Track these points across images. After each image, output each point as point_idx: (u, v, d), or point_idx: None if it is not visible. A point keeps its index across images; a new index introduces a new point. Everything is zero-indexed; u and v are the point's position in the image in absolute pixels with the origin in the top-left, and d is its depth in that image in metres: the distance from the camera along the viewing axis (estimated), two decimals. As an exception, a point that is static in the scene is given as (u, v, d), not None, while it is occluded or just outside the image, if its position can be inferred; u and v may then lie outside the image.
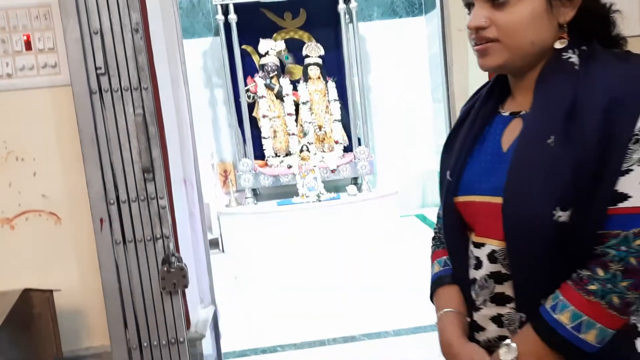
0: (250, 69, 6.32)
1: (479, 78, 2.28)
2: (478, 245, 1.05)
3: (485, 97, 1.13)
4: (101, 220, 1.93)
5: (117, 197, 1.93)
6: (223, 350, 2.61)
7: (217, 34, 6.30)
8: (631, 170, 0.89)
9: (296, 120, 6.32)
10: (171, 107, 2.28)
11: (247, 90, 6.22)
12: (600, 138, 0.88)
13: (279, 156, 6.27)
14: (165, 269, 1.93)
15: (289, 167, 6.13)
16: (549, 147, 0.92)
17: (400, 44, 6.68)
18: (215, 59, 6.42)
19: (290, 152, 6.26)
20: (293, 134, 6.27)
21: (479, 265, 1.04)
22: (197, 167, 2.46)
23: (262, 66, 6.25)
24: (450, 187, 1.10)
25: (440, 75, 2.67)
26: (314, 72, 6.34)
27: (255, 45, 6.30)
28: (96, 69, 1.90)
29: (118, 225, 1.94)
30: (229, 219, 5.88)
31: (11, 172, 2.00)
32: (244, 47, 6.28)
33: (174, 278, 1.92)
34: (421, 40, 6.69)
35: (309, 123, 6.30)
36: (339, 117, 6.37)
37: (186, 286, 1.94)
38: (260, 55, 6.28)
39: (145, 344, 1.97)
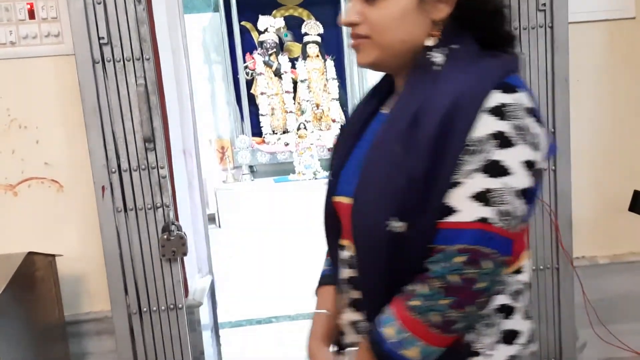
0: (249, 46, 6.31)
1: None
2: (342, 248, 1.03)
3: (370, 95, 1.08)
4: (103, 188, 1.97)
5: (119, 166, 1.97)
6: (219, 320, 2.68)
7: (216, 9, 6.27)
8: (460, 183, 0.82)
9: (294, 98, 6.34)
10: (172, 79, 2.31)
11: (246, 67, 6.22)
12: (434, 146, 0.83)
13: (276, 134, 6.30)
14: (165, 236, 1.98)
15: (286, 144, 6.16)
16: (392, 153, 0.87)
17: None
18: (214, 35, 6.40)
19: (287, 129, 6.29)
20: (291, 112, 6.29)
21: (343, 268, 1.02)
22: (197, 139, 2.49)
23: (261, 43, 6.25)
24: (329, 187, 1.07)
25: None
26: (312, 50, 6.34)
27: (254, 22, 6.28)
28: (99, 38, 1.93)
29: (119, 193, 1.98)
30: (226, 195, 5.92)
31: (14, 140, 2.04)
32: (243, 23, 6.26)
33: (174, 246, 1.97)
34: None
35: (307, 101, 6.31)
36: (337, 96, 6.39)
37: (185, 254, 1.99)
38: (260, 32, 6.27)
39: (144, 310, 2.03)
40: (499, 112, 0.83)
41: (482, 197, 0.81)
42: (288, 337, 3.04)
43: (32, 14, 2.00)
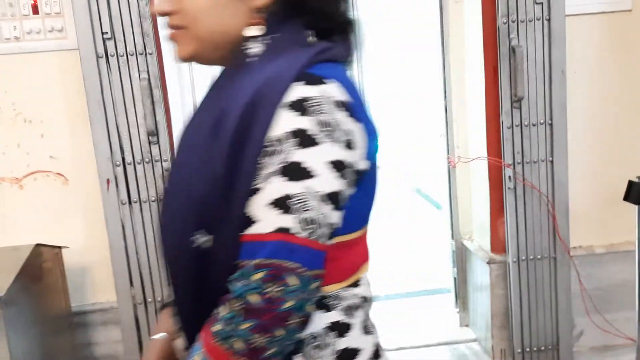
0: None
1: (475, 48, 2.34)
2: None
3: (209, 88, 0.95)
4: (108, 181, 2.00)
5: (123, 159, 2.01)
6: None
7: None
8: (259, 189, 0.72)
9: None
10: (174, 72, 2.33)
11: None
12: (234, 149, 0.73)
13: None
14: (169, 228, 2.01)
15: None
16: (194, 160, 0.78)
17: (403, 13, 6.66)
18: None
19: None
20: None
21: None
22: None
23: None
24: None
25: (438, 46, 2.71)
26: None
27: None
28: (102, 33, 1.96)
29: (124, 186, 2.02)
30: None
31: (20, 134, 2.07)
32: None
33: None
34: (422, 8, 6.66)
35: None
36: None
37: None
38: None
39: (149, 300, 2.07)
40: (300, 106, 0.72)
41: (282, 204, 0.70)
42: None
43: (35, 9, 2.03)
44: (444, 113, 2.73)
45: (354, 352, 0.83)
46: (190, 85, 2.49)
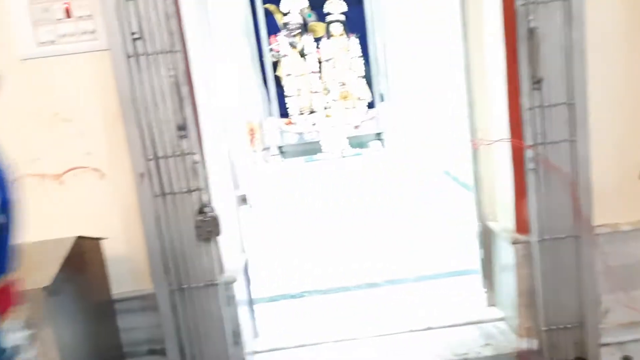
0: (273, 28, 6.39)
1: (496, 31, 2.34)
2: None
3: None
4: (141, 175, 2.11)
5: (155, 153, 2.11)
6: (253, 296, 2.82)
7: (240, -7, 6.36)
8: None
9: (320, 78, 6.41)
10: (201, 68, 2.41)
11: (271, 50, 6.31)
12: None
13: (303, 114, 6.40)
14: (201, 218, 2.11)
15: (314, 124, 6.26)
16: None
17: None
18: (239, 18, 6.49)
19: (314, 109, 6.38)
20: (317, 92, 6.37)
21: None
22: (226, 125, 2.61)
23: (285, 24, 6.32)
24: None
25: (459, 29, 2.73)
26: (336, 29, 6.38)
27: (277, 4, 6.35)
28: (132, 34, 2.05)
29: (157, 179, 2.12)
30: (257, 176, 6.07)
31: (58, 133, 2.19)
32: (266, 6, 6.34)
33: (209, 226, 2.11)
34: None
35: (333, 80, 6.38)
36: (362, 74, 6.44)
37: (219, 234, 2.12)
38: (283, 14, 6.34)
39: (185, 286, 2.18)
40: None
41: None
42: (319, 311, 3.18)
43: (68, 13, 2.13)
44: (466, 95, 2.76)
45: None
46: (216, 79, 2.57)
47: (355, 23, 6.48)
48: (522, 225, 2.39)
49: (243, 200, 2.80)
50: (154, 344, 2.29)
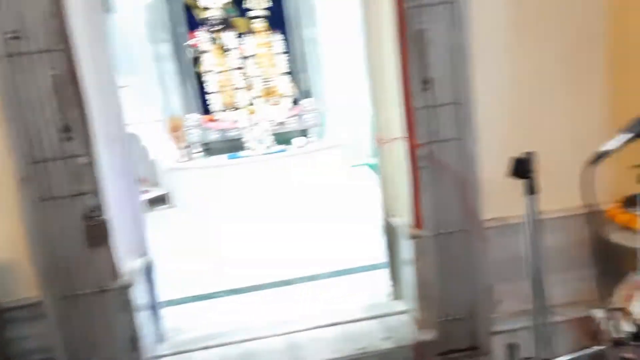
0: (194, 23, 6.27)
1: (389, 33, 2.36)
2: None
3: None
4: (23, 179, 2.02)
5: (38, 156, 2.02)
6: (161, 298, 2.77)
7: (158, -13, 6.19)
8: None
9: (243, 74, 6.35)
10: (91, 69, 2.34)
11: (190, 46, 6.19)
12: None
13: (226, 110, 6.33)
14: (89, 222, 2.05)
15: (236, 121, 6.20)
16: None
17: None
18: (158, 13, 6.32)
19: (237, 106, 6.32)
20: (240, 88, 6.31)
21: None
22: (123, 126, 2.54)
23: (206, 20, 6.21)
24: None
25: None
26: (259, 24, 6.33)
27: (197, -1, 6.24)
28: (8, 32, 1.96)
29: (40, 183, 2.04)
30: (179, 174, 5.96)
31: None
32: (186, 0, 6.21)
33: (97, 231, 2.05)
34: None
35: (256, 76, 6.34)
36: (286, 70, 6.42)
37: (108, 239, 2.07)
38: (204, 9, 6.23)
39: (74, 293, 2.11)
40: None
41: None
42: (230, 311, 3.17)
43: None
44: (370, 94, 2.81)
45: None
46: (111, 80, 2.50)
47: (279, 19, 6.45)
48: (419, 220, 2.46)
49: (161, 199, 2.75)
50: (45, 353, 2.21)
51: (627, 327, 1.99)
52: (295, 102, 6.50)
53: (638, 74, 2.40)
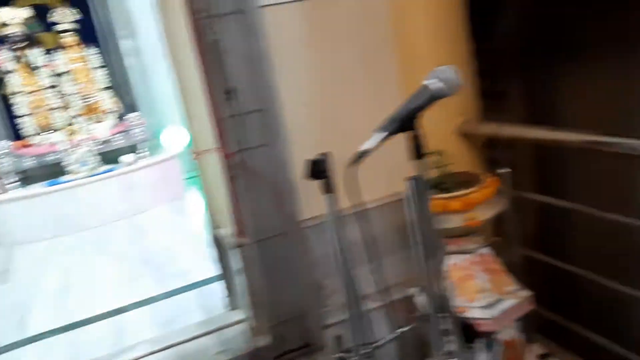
0: (-8, 42, 5.70)
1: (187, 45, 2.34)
2: None
3: None
4: None
5: None
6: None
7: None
8: None
9: (58, 93, 5.90)
10: None
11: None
12: None
13: (42, 133, 5.83)
14: None
15: (55, 144, 5.74)
16: None
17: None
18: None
19: (54, 127, 5.86)
20: (56, 108, 5.85)
21: None
22: None
23: (6, 37, 5.67)
24: None
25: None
26: (69, 39, 5.92)
27: (-7, 15, 5.67)
28: None
29: None
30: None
31: None
32: (-21, 16, 5.61)
33: None
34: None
35: (73, 94, 5.92)
36: (107, 85, 6.09)
37: None
38: (2, 25, 5.68)
39: None
40: None
41: None
42: (57, 353, 2.93)
43: None
44: (182, 106, 2.76)
45: None
46: None
47: (91, 31, 6.09)
48: (240, 229, 2.47)
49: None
50: None
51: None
52: (121, 117, 6.19)
53: (423, 74, 2.63)
